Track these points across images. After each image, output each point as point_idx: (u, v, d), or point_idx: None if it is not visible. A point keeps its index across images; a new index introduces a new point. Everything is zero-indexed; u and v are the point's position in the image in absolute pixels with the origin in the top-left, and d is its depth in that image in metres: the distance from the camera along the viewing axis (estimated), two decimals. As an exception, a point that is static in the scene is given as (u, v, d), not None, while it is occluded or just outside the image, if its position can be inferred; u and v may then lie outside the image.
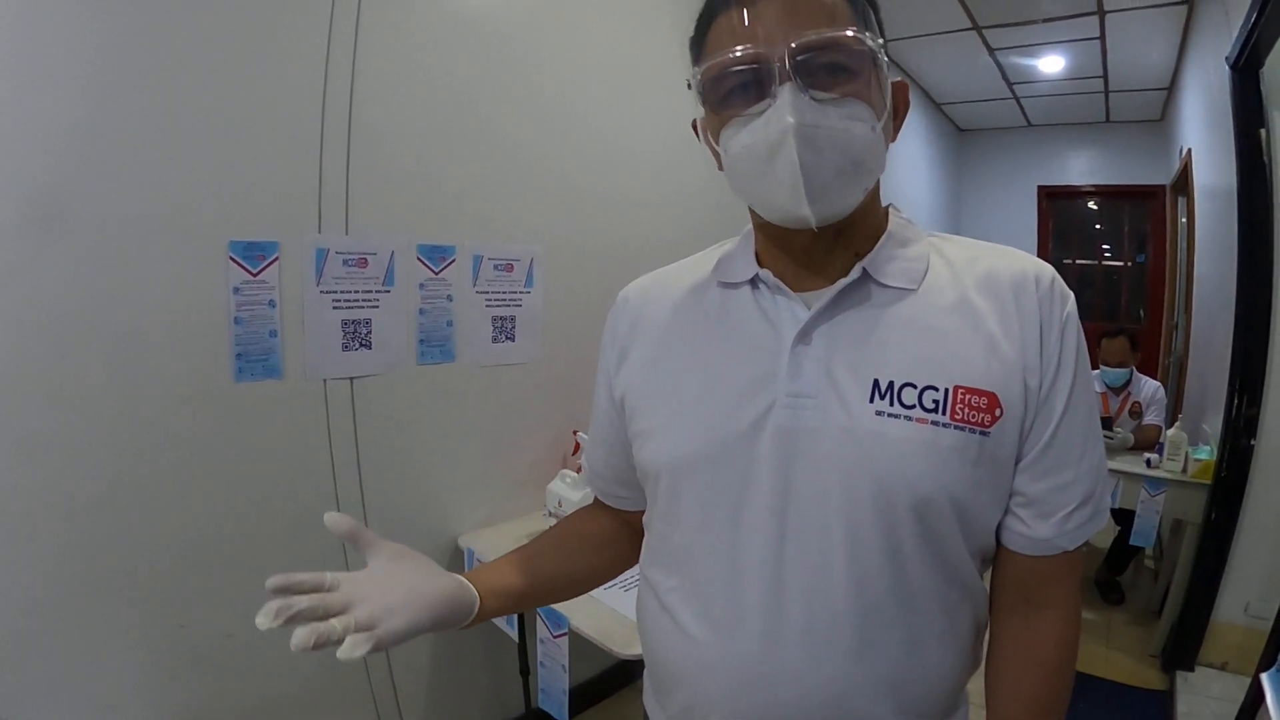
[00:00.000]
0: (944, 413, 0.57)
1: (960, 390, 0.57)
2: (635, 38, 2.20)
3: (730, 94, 0.58)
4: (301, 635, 0.51)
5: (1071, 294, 0.61)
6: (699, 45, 0.61)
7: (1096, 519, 0.62)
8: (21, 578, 1.22)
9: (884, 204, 0.67)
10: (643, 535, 0.76)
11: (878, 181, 0.62)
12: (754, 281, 0.66)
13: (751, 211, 0.65)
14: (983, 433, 0.57)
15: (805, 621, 0.58)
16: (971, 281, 0.61)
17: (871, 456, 0.57)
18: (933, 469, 0.56)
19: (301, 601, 0.53)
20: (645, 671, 0.76)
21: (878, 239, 0.64)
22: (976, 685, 0.69)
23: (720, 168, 0.63)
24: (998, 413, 0.57)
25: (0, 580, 1.20)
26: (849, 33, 0.55)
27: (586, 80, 2.06)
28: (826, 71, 0.55)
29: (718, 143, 0.61)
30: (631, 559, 0.81)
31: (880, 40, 0.58)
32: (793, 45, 0.54)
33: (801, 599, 0.58)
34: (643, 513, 0.75)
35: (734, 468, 0.61)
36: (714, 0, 0.59)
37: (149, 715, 1.37)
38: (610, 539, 0.82)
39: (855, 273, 0.61)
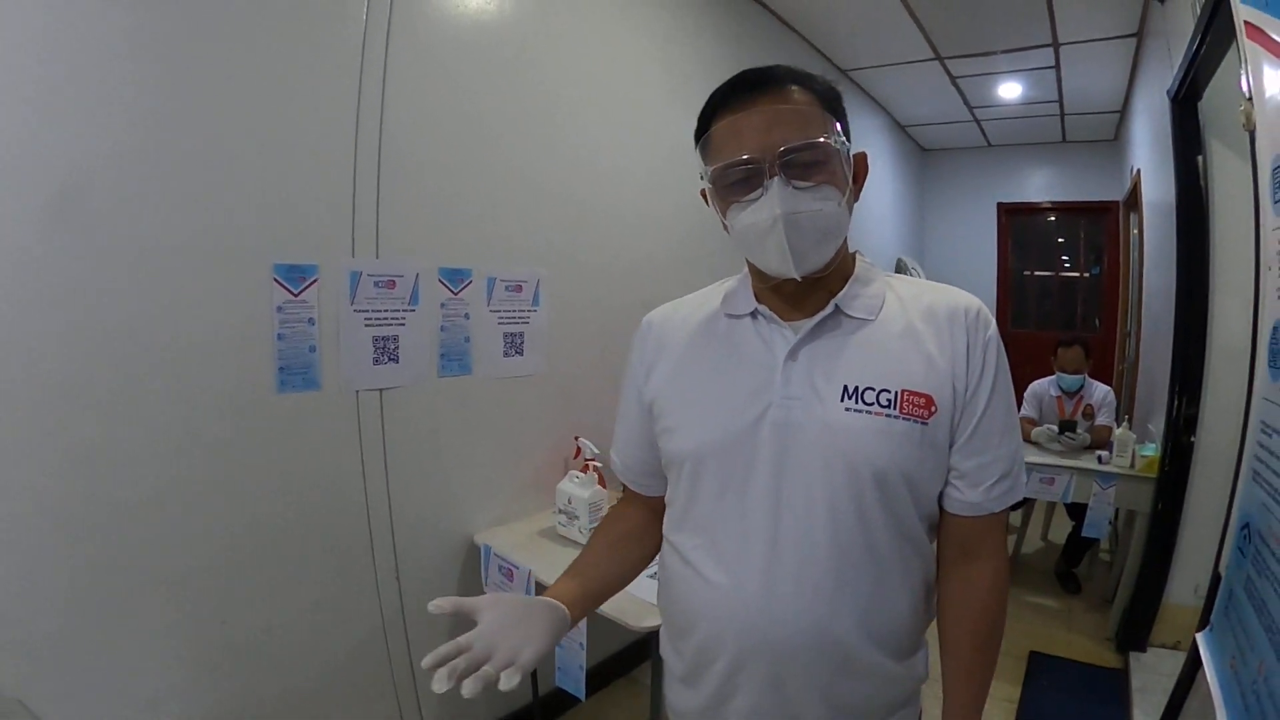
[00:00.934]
0: (895, 409, 0.76)
1: (906, 392, 0.77)
2: (633, 81, 2.42)
3: (733, 184, 0.77)
4: (471, 685, 0.66)
5: (994, 321, 0.82)
6: (706, 145, 0.79)
7: (1015, 490, 0.82)
8: (69, 578, 1.27)
9: (851, 250, 0.86)
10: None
11: (845, 238, 0.81)
12: (753, 314, 0.85)
13: (748, 261, 0.84)
14: (923, 423, 0.77)
15: (796, 567, 0.76)
16: (916, 312, 0.81)
17: (844, 441, 0.76)
18: (888, 449, 0.76)
19: (461, 662, 0.67)
20: (662, 626, 0.93)
21: (846, 280, 0.83)
22: (933, 637, 0.87)
23: (726, 230, 0.82)
24: (933, 409, 0.77)
25: (48, 580, 1.25)
26: (822, 139, 0.74)
27: (590, 114, 2.24)
28: (804, 165, 0.75)
29: (725, 216, 0.80)
30: (660, 542, 0.98)
31: (846, 139, 0.77)
32: (779, 150, 0.73)
33: (793, 550, 0.76)
34: (663, 497, 0.93)
35: (742, 453, 0.79)
36: (714, 107, 0.78)
37: (189, 709, 1.43)
38: (644, 529, 0.98)
39: (829, 308, 0.81)
